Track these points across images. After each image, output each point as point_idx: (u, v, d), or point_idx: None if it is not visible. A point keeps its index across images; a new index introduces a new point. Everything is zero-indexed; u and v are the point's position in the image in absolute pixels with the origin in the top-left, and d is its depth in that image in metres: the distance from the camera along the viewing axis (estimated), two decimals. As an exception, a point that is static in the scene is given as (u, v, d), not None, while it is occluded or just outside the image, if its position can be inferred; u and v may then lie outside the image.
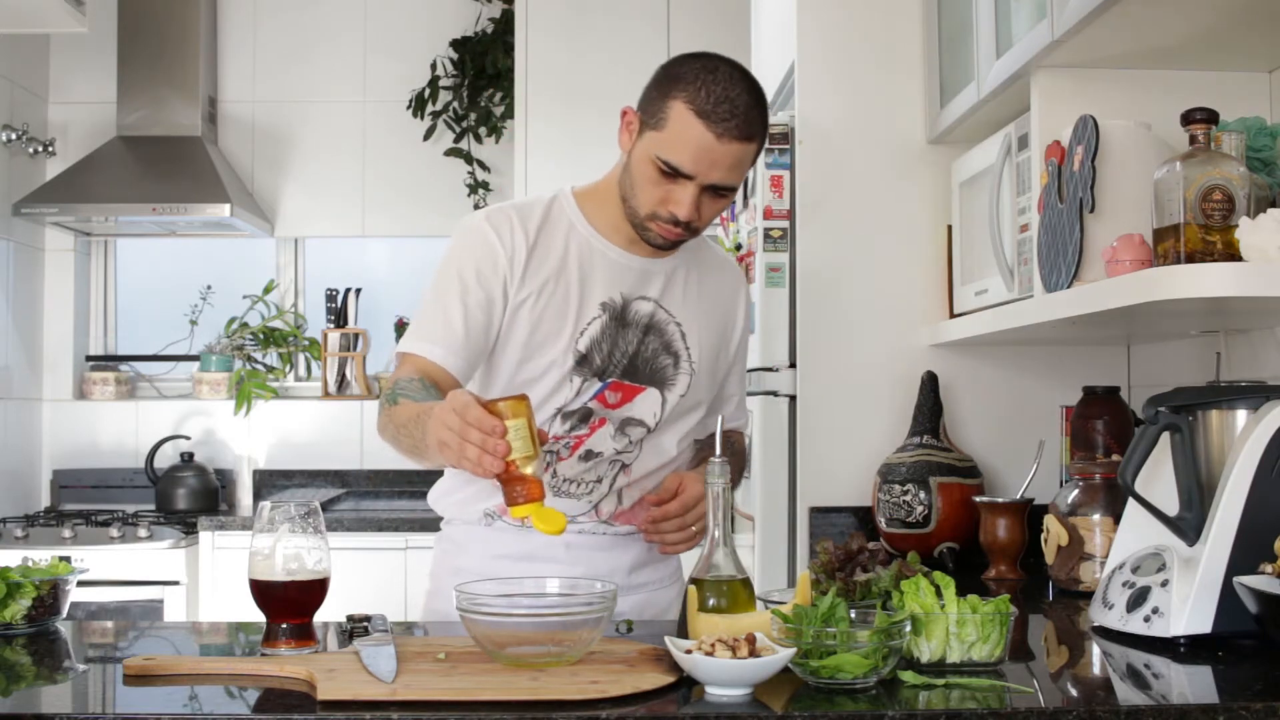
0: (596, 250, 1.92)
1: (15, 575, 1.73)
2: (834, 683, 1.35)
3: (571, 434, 1.91)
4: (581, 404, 1.91)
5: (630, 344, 1.92)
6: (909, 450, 2.52)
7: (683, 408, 1.97)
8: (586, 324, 1.90)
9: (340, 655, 1.52)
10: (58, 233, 4.62)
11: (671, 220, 1.83)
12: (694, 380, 1.97)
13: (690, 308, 1.98)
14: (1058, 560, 2.11)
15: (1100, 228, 1.92)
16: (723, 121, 1.75)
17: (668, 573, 2.06)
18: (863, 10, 2.71)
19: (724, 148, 1.77)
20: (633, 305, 1.93)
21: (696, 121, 1.76)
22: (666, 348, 1.95)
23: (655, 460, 1.97)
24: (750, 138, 1.79)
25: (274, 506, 1.60)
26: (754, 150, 1.82)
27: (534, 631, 1.45)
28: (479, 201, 4.62)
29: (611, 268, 1.92)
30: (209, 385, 4.63)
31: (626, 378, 1.92)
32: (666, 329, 1.95)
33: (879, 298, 2.68)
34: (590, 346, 1.90)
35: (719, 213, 1.87)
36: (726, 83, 1.77)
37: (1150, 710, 1.30)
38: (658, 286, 1.95)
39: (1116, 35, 1.95)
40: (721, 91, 1.76)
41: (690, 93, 1.77)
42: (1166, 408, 1.71)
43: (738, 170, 1.81)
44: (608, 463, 1.93)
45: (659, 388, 1.94)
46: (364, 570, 3.96)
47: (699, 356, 1.97)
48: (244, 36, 4.75)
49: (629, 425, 1.93)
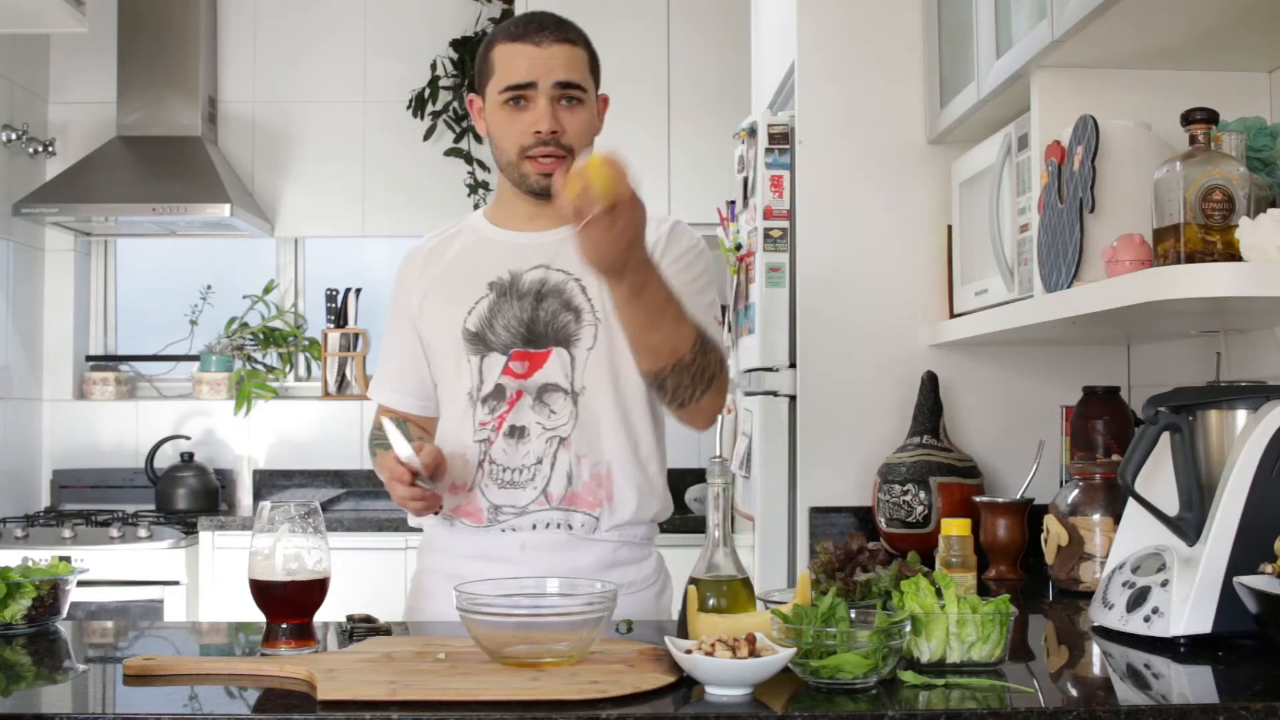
0: (487, 239, 1.99)
1: (15, 575, 1.73)
2: (834, 683, 1.35)
3: (494, 416, 1.92)
4: (493, 384, 1.92)
5: (525, 312, 1.92)
6: (909, 450, 2.52)
7: (605, 364, 1.90)
8: (473, 304, 1.94)
9: (341, 655, 1.52)
10: (58, 233, 4.62)
11: (538, 142, 1.87)
12: (602, 329, 1.90)
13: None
14: (1058, 560, 2.11)
15: (1100, 228, 1.92)
16: (536, 33, 1.88)
17: (639, 578, 1.97)
18: (863, 10, 2.71)
19: (547, 50, 1.87)
20: (523, 276, 1.94)
21: (512, 45, 1.89)
22: (566, 305, 1.92)
23: (594, 425, 1.91)
24: (571, 41, 1.90)
25: (274, 506, 1.60)
26: (583, 57, 1.91)
27: (534, 631, 1.45)
28: (479, 201, 4.61)
29: (504, 249, 1.96)
30: (209, 385, 4.63)
31: (530, 345, 1.91)
32: (565, 288, 1.92)
33: (879, 298, 2.68)
34: (480, 325, 1.93)
35: (585, 128, 1.90)
36: (529, 15, 1.93)
37: (1150, 710, 1.30)
38: (552, 253, 1.93)
39: (1116, 35, 1.95)
40: (527, 17, 1.92)
41: (502, 34, 1.92)
42: (1166, 408, 1.71)
43: (576, 70, 1.89)
44: (542, 441, 1.90)
45: (564, 345, 1.91)
46: (364, 570, 3.96)
47: (605, 306, 1.86)
48: (244, 36, 4.75)
49: (546, 392, 1.91)
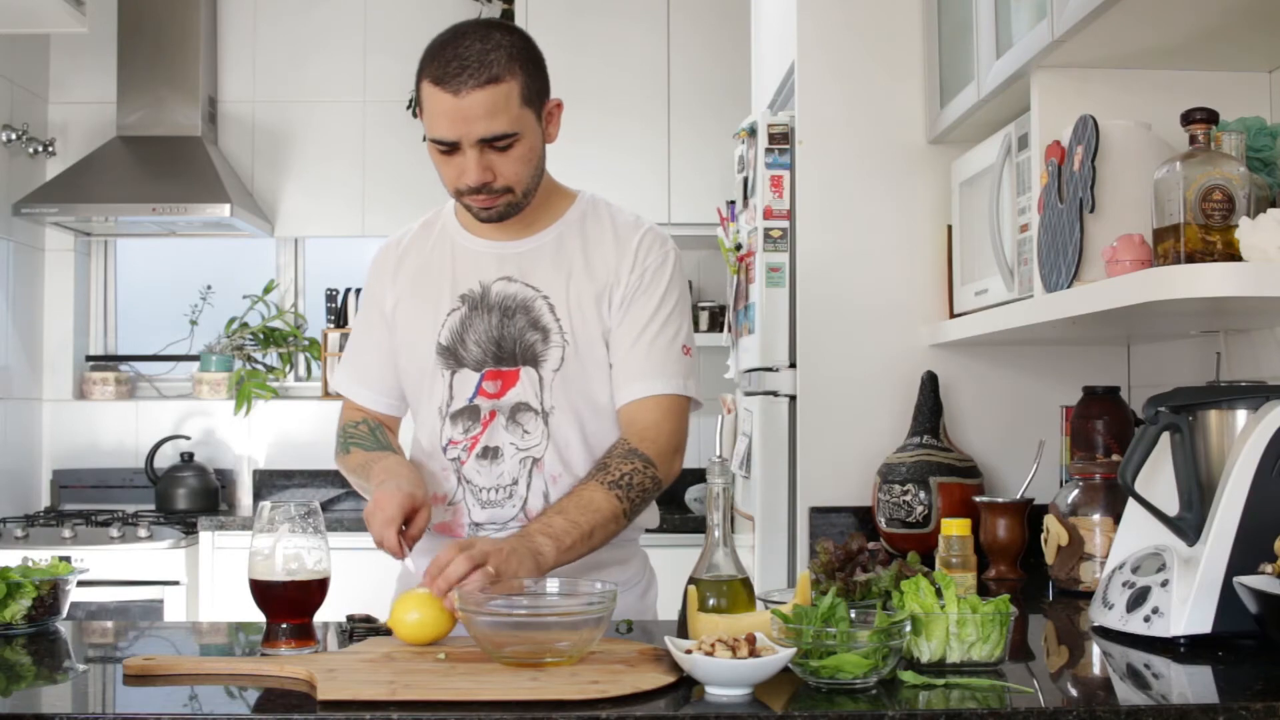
0: (460, 246, 1.95)
1: (15, 575, 1.73)
2: (834, 683, 1.35)
3: (467, 435, 1.91)
4: (466, 402, 1.90)
5: (493, 327, 1.90)
6: (909, 450, 2.52)
7: (571, 386, 1.89)
8: (445, 316, 1.92)
9: (341, 655, 1.52)
10: (58, 233, 4.62)
11: (471, 190, 1.81)
12: (570, 350, 1.89)
13: (561, 279, 1.90)
14: (1058, 560, 2.11)
15: (1100, 228, 1.92)
16: (454, 78, 1.75)
17: (625, 578, 1.95)
18: (863, 10, 2.71)
19: (466, 101, 1.74)
20: (493, 288, 1.92)
21: (435, 90, 1.76)
22: (534, 324, 1.89)
23: (566, 446, 1.90)
24: (493, 80, 1.75)
25: (274, 506, 1.60)
26: (506, 91, 1.76)
27: (534, 631, 1.45)
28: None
29: (475, 259, 1.94)
30: (209, 385, 4.62)
31: (500, 364, 1.90)
32: (533, 305, 1.90)
33: (879, 298, 2.68)
34: (451, 339, 1.91)
35: (523, 165, 1.81)
36: (458, 43, 1.77)
37: (1150, 710, 1.30)
38: (523, 265, 1.92)
39: (1116, 35, 1.95)
40: (451, 52, 1.76)
41: (429, 70, 1.78)
42: (1166, 408, 1.71)
43: (500, 117, 1.76)
44: (516, 461, 1.90)
45: (532, 365, 1.89)
46: (364, 570, 3.94)
47: (573, 328, 1.88)
48: (244, 36, 4.75)
49: (518, 412, 1.90)
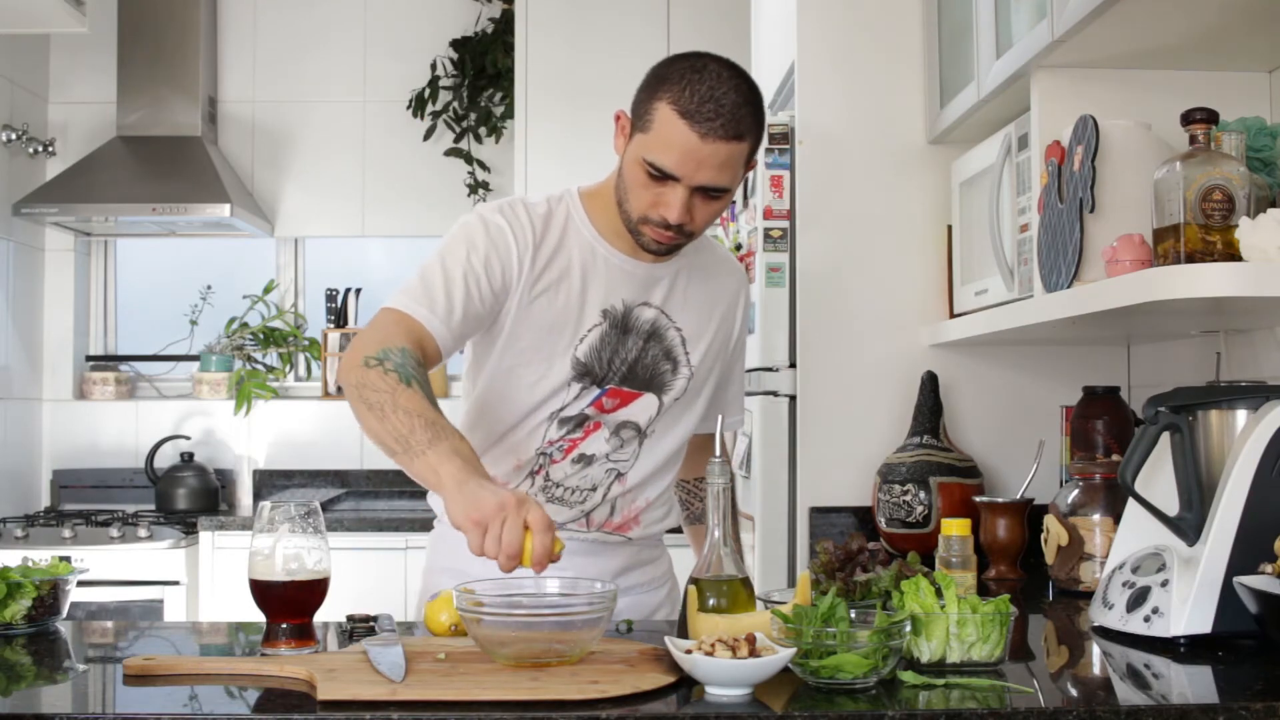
0: (599, 255, 1.90)
1: (15, 575, 1.73)
2: (834, 683, 1.35)
3: (566, 438, 1.91)
4: (579, 410, 1.90)
5: (631, 352, 1.91)
6: (909, 450, 2.52)
7: (677, 410, 1.97)
8: (586, 331, 1.88)
9: (341, 655, 1.52)
10: (58, 233, 4.62)
11: (663, 224, 1.79)
12: (691, 384, 1.97)
13: (691, 313, 1.97)
14: (1058, 560, 2.11)
15: (1100, 228, 1.92)
16: (706, 121, 1.72)
17: (657, 575, 2.06)
18: (863, 10, 2.71)
19: (709, 148, 1.73)
20: (634, 312, 1.91)
21: (680, 122, 1.72)
22: (667, 354, 1.94)
23: (650, 466, 1.96)
24: (738, 137, 1.74)
25: (274, 506, 1.59)
26: (744, 150, 1.77)
27: (534, 631, 1.45)
28: (479, 201, 4.61)
29: (614, 273, 1.90)
30: (209, 385, 4.63)
31: (625, 384, 1.92)
32: (667, 335, 1.94)
33: (879, 298, 2.68)
34: (589, 355, 1.88)
35: (714, 215, 1.83)
36: (713, 81, 1.74)
37: (1150, 710, 1.30)
38: (660, 293, 1.93)
39: (1116, 35, 1.95)
40: (706, 90, 1.73)
41: (674, 93, 1.73)
42: (1166, 408, 1.71)
43: (727, 171, 1.76)
44: (603, 470, 1.93)
45: (656, 393, 1.94)
46: (364, 570, 3.96)
47: (698, 360, 1.97)
48: (244, 36, 4.75)
49: (623, 428, 1.93)
